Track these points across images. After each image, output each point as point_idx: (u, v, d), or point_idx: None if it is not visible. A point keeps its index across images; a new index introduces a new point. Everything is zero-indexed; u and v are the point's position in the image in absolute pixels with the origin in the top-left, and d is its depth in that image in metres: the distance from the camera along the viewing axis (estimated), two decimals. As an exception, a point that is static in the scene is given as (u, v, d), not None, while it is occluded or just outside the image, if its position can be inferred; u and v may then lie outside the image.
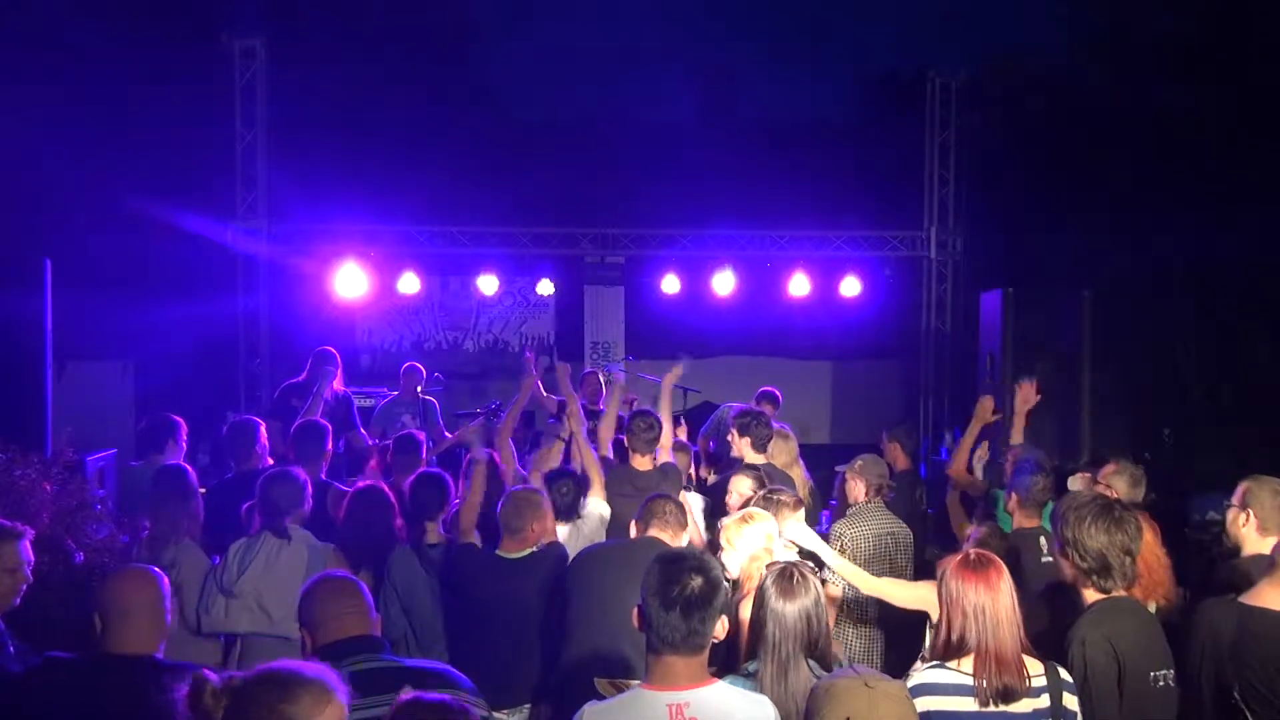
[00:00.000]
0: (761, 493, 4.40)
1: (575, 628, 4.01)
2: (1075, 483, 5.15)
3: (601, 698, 2.68)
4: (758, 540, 3.75)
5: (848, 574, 4.13)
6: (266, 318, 10.50)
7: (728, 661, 3.27)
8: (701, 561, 2.63)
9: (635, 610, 2.65)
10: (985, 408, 5.71)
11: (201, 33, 10.26)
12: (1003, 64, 10.97)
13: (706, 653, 2.61)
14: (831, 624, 3.46)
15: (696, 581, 2.55)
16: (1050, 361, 8.39)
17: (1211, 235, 8.19)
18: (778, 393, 7.95)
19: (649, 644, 2.59)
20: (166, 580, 3.12)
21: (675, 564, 2.60)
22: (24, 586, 3.42)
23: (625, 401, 8.55)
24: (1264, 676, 3.24)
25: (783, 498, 4.23)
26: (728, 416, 8.44)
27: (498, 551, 4.35)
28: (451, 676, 2.82)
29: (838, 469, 5.41)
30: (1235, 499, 4.00)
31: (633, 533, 4.30)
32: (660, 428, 5.47)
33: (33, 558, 3.50)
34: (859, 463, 5.27)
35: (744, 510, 4.02)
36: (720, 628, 2.62)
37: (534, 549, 4.35)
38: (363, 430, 7.39)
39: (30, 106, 8.14)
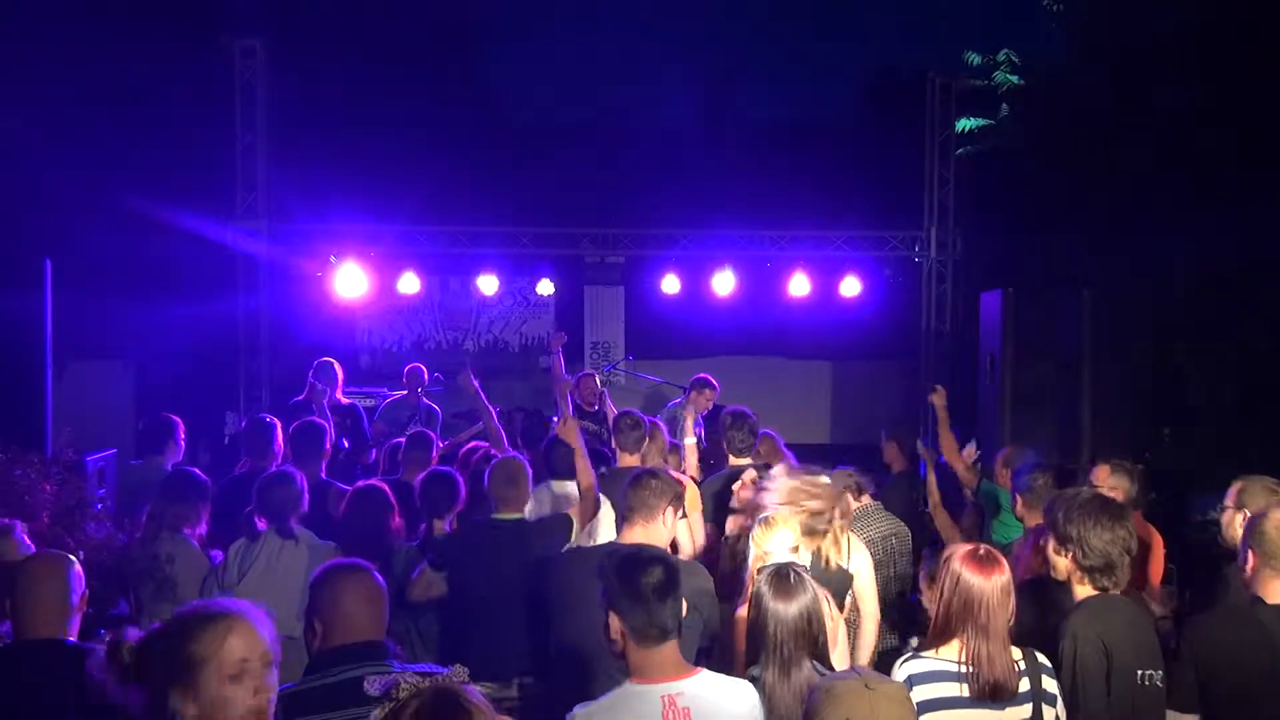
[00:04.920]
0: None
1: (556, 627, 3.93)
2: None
3: (584, 693, 2.69)
4: (782, 543, 3.69)
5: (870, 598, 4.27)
6: (266, 318, 10.48)
7: (720, 666, 3.26)
8: (656, 552, 2.84)
9: (605, 623, 2.69)
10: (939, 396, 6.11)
11: (201, 33, 10.26)
12: (1003, 64, 10.94)
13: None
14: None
15: (658, 571, 2.67)
16: (1050, 361, 8.38)
17: (1211, 235, 8.16)
18: (711, 378, 7.98)
19: (633, 639, 2.63)
20: (77, 565, 3.13)
21: (633, 560, 2.73)
22: None
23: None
24: None
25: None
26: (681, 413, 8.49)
27: (492, 515, 4.38)
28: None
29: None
30: (1229, 499, 3.94)
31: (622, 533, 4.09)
32: (645, 425, 5.45)
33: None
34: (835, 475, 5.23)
35: (768, 514, 3.90)
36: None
37: (524, 515, 4.39)
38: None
39: (30, 106, 8.16)
